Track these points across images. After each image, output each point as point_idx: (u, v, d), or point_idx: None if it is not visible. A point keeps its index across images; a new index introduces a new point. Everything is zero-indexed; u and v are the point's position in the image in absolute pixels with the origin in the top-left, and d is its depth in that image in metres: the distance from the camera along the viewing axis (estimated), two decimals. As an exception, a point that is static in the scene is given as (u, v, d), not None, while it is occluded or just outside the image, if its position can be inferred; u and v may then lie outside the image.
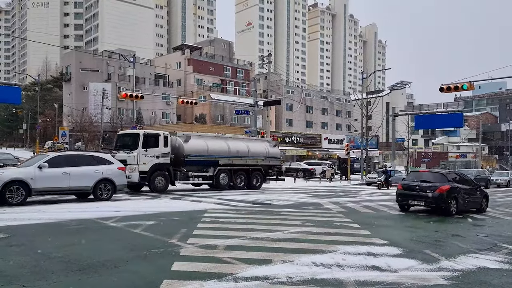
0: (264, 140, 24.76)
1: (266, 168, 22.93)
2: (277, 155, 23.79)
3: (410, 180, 14.01)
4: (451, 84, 21.68)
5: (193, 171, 19.53)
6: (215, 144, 20.57)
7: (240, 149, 21.34)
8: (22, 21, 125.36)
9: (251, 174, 21.90)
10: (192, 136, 20.26)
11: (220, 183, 20.43)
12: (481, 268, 6.39)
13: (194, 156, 19.41)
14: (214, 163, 20.29)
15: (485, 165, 69.06)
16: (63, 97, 61.33)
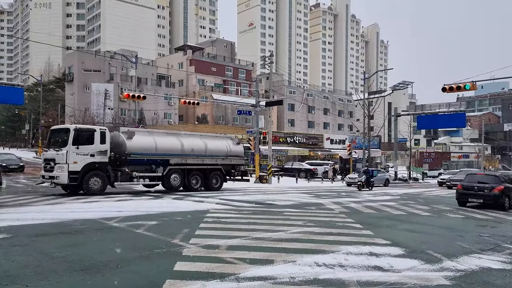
0: (225, 137, 22.82)
1: (228, 167, 21.34)
2: (240, 153, 22.01)
3: (468, 182, 15.97)
4: (454, 84, 21.64)
5: (138, 171, 17.58)
6: (166, 142, 18.79)
7: (196, 147, 19.61)
8: (24, 22, 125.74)
9: (210, 174, 20.21)
10: (138, 132, 18.74)
11: (171, 184, 18.66)
12: (484, 268, 6.38)
13: (139, 154, 17.57)
14: (163, 162, 18.46)
15: (488, 165, 68.89)
16: (66, 97, 61.45)
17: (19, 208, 12.21)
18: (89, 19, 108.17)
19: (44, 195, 16.05)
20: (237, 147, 21.94)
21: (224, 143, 21.30)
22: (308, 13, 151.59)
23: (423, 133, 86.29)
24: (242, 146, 22.75)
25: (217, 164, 20.63)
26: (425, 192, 24.04)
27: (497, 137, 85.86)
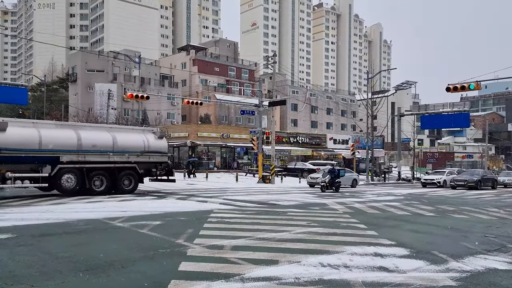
0: (144, 130, 19.74)
1: (146, 166, 18.48)
2: (163, 149, 18.89)
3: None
4: (458, 84, 21.56)
5: (14, 171, 14.53)
6: (55, 135, 15.76)
7: (99, 142, 16.62)
8: (28, 22, 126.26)
9: (120, 174, 17.20)
10: (13, 123, 15.30)
11: (62, 186, 15.60)
12: (490, 269, 6.34)
13: (13, 150, 14.51)
14: (51, 159, 15.45)
15: (492, 165, 68.56)
16: (69, 97, 61.67)
17: (23, 208, 12.26)
18: (93, 20, 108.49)
19: (49, 195, 16.09)
20: (159, 142, 18.82)
21: (140, 137, 18.24)
22: (311, 13, 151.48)
23: (426, 133, 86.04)
24: (165, 140, 19.60)
25: (129, 162, 17.58)
26: (429, 192, 23.95)
27: (501, 137, 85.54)
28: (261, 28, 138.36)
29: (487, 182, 28.98)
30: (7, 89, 20.12)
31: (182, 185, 24.24)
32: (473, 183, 27.46)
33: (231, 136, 42.50)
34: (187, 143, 38.96)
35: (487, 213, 13.63)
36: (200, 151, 40.98)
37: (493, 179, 30.04)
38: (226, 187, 23.79)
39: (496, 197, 21.51)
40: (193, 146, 39.48)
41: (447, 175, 30.72)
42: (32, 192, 17.32)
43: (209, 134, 41.17)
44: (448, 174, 30.97)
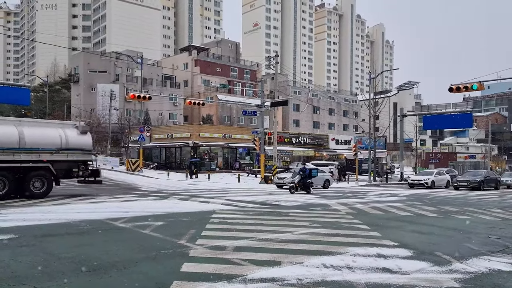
0: (63, 124, 17.56)
1: (64, 165, 16.04)
2: (86, 146, 16.63)
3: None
4: (461, 84, 21.49)
5: None
6: None
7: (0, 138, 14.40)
8: (31, 23, 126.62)
9: (28, 175, 14.87)
10: None
11: None
12: (494, 271, 6.30)
13: None
14: None
15: (495, 166, 68.40)
16: (71, 98, 61.82)
17: (25, 208, 12.27)
18: (95, 20, 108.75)
19: (50, 195, 16.10)
20: (82, 137, 16.58)
21: (57, 132, 15.95)
22: (313, 13, 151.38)
23: (429, 134, 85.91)
24: (90, 136, 17.26)
25: (41, 161, 15.23)
26: (431, 193, 23.87)
27: (504, 137, 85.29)
28: (263, 29, 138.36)
29: (490, 182, 28.86)
30: (9, 90, 20.17)
31: (184, 186, 24.23)
32: (476, 183, 27.36)
33: (233, 136, 42.49)
34: (189, 144, 38.98)
35: (490, 214, 13.57)
36: (202, 151, 40.98)
37: (496, 179, 29.90)
38: (228, 187, 23.77)
39: (499, 198, 21.42)
40: (195, 147, 39.48)
41: (435, 176, 29.75)
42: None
43: (211, 135, 41.17)
44: (436, 175, 30.06)
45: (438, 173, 30.84)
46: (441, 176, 30.30)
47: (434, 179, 29.13)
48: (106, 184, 23.20)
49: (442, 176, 30.62)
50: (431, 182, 28.77)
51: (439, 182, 29.60)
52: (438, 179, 29.62)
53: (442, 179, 30.24)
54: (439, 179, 29.73)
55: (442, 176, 30.62)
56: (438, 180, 29.55)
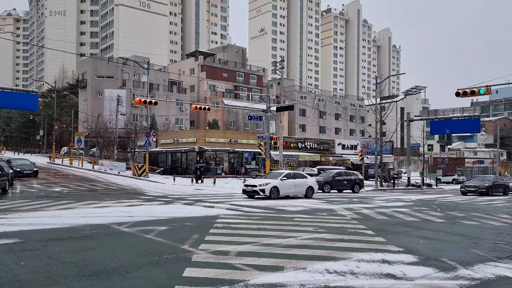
0: None
1: None
2: None
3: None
4: (468, 89, 21.31)
5: None
6: None
7: None
8: (40, 30, 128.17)
9: None
10: None
11: None
12: (501, 277, 6.19)
13: None
14: None
15: (503, 171, 67.69)
16: (79, 103, 62.31)
17: (31, 213, 12.33)
18: (103, 26, 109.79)
19: (57, 200, 16.19)
20: None
21: None
22: (319, 18, 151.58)
23: (436, 138, 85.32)
24: None
25: None
26: (439, 198, 23.65)
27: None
28: (269, 34, 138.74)
29: (498, 188, 28.54)
30: (18, 95, 20.33)
31: (190, 191, 24.24)
32: (484, 189, 27.07)
33: (239, 141, 42.50)
34: (195, 149, 39.04)
35: (498, 220, 13.39)
36: (208, 156, 41.01)
37: (504, 185, 29.55)
38: (234, 192, 23.72)
39: (507, 203, 21.15)
40: (201, 152, 39.54)
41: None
42: (40, 197, 17.43)
43: (217, 140, 41.21)
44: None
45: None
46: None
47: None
48: (112, 189, 23.29)
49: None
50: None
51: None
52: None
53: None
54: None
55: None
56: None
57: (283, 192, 19.66)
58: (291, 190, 20.19)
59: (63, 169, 38.43)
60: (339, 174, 27.92)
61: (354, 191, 27.29)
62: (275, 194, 19.17)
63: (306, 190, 20.83)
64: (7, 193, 18.62)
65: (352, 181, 27.61)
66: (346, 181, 27.50)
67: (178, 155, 43.28)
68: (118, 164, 37.60)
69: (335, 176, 27.33)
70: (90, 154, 52.43)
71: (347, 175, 28.05)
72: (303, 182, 20.89)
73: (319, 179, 26.95)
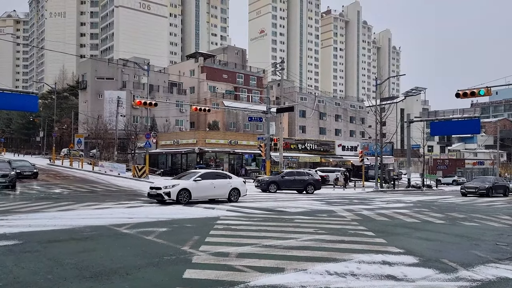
0: None
1: None
2: None
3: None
4: (468, 90, 21.34)
5: None
6: None
7: None
8: (40, 31, 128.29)
9: None
10: None
11: None
12: (501, 278, 6.19)
13: None
14: None
15: (504, 172, 67.66)
16: (79, 105, 62.32)
17: (31, 214, 12.32)
18: (103, 28, 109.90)
19: (57, 201, 16.18)
20: None
21: None
22: (319, 19, 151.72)
23: (436, 140, 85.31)
24: None
25: None
26: (439, 200, 23.64)
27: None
28: (269, 35, 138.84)
29: (498, 189, 28.51)
30: (18, 97, 20.33)
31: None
32: (484, 190, 27.04)
33: (239, 142, 42.49)
34: (195, 150, 39.04)
35: (498, 221, 13.38)
36: (208, 157, 41.01)
37: (505, 186, 29.53)
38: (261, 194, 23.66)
39: (508, 204, 21.14)
40: (201, 153, 39.54)
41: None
42: (40, 198, 17.41)
43: (217, 141, 41.20)
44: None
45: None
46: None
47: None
48: (112, 190, 23.28)
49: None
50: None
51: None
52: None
53: None
54: None
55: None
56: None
57: (197, 195, 16.73)
58: (208, 193, 17.22)
59: (63, 170, 38.42)
60: (289, 174, 27.16)
61: (307, 192, 26.04)
62: (185, 198, 16.25)
63: (230, 193, 17.78)
64: (10, 194, 18.60)
65: (305, 181, 26.38)
66: (298, 181, 26.42)
67: (178, 156, 43.28)
68: (118, 166, 37.57)
69: (284, 176, 26.58)
70: (90, 155, 52.41)
71: (299, 175, 27.03)
72: (226, 183, 17.84)
73: (265, 178, 26.77)
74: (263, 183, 25.75)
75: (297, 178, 26.35)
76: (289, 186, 26.23)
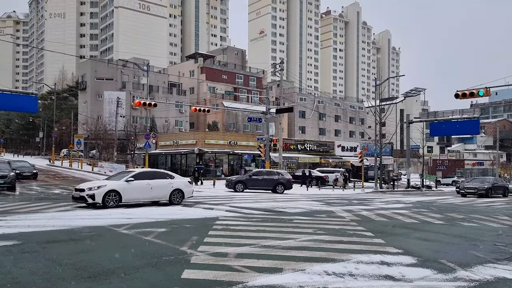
0: None
1: None
2: None
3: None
4: (467, 90, 21.36)
5: None
6: None
7: None
8: (39, 32, 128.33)
9: None
10: None
11: None
12: (499, 279, 6.20)
13: None
14: None
15: (503, 172, 67.72)
16: (79, 105, 62.33)
17: (30, 215, 12.32)
18: (102, 29, 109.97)
19: (56, 202, 16.18)
20: None
21: None
22: (319, 20, 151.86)
23: (436, 140, 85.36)
24: None
25: None
26: (438, 200, 23.65)
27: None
28: (269, 36, 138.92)
29: (498, 190, 28.53)
30: (18, 97, 20.35)
31: (189, 192, 24.18)
32: (483, 190, 27.05)
33: (238, 143, 42.51)
34: (195, 151, 39.05)
35: (497, 221, 13.39)
36: (208, 158, 41.02)
37: (504, 186, 29.55)
38: (233, 194, 23.72)
39: (507, 205, 21.16)
40: (200, 154, 39.55)
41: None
42: (40, 199, 17.41)
43: (216, 141, 41.21)
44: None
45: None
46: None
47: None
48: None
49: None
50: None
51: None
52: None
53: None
54: None
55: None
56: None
57: (129, 197, 14.97)
58: (144, 195, 15.43)
59: (62, 171, 38.41)
60: (258, 173, 27.31)
61: (276, 192, 25.90)
62: (114, 201, 14.44)
63: (171, 194, 16.05)
64: (9, 194, 18.60)
65: (275, 181, 26.35)
66: (267, 180, 26.46)
67: (178, 157, 43.28)
68: (117, 166, 37.57)
69: (252, 175, 26.82)
70: (89, 156, 52.41)
71: (269, 174, 27.11)
72: (166, 184, 16.00)
73: (233, 178, 27.20)
74: (230, 182, 26.13)
75: (266, 178, 26.46)
76: (257, 185, 26.32)
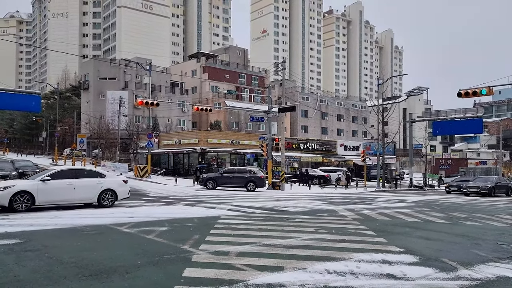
0: None
1: None
2: None
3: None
4: (470, 89, 21.27)
5: None
6: None
7: None
8: (42, 32, 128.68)
9: None
10: None
11: None
12: (501, 278, 6.17)
13: None
14: None
15: (507, 172, 67.46)
16: (81, 105, 62.46)
17: (33, 214, 12.36)
18: (105, 28, 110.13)
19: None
20: None
21: None
22: (321, 19, 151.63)
23: (439, 139, 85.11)
24: None
25: None
26: (441, 199, 23.59)
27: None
28: (271, 35, 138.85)
29: (501, 189, 28.40)
30: (21, 97, 20.40)
31: (192, 192, 24.27)
32: (486, 190, 26.94)
33: (241, 142, 42.52)
34: (197, 150, 39.08)
35: (500, 220, 13.34)
36: (210, 157, 41.06)
37: (507, 186, 29.41)
38: (235, 193, 23.73)
39: (510, 204, 21.07)
40: (203, 153, 39.58)
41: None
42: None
43: (219, 141, 41.25)
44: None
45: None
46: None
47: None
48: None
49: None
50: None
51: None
52: None
53: None
54: None
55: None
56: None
57: (45, 199, 13.06)
58: (65, 197, 13.52)
59: (65, 170, 38.47)
60: (229, 171, 27.61)
61: (248, 189, 26.00)
62: (25, 204, 12.57)
63: (100, 196, 14.17)
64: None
65: (246, 178, 26.46)
66: (238, 178, 26.61)
67: (180, 156, 43.34)
68: (120, 165, 37.69)
69: (223, 173, 27.25)
70: (92, 155, 52.55)
71: (240, 172, 27.30)
72: (94, 184, 14.07)
73: (204, 175, 27.76)
74: (202, 179, 26.65)
75: (237, 175, 26.71)
76: (228, 182, 26.60)
